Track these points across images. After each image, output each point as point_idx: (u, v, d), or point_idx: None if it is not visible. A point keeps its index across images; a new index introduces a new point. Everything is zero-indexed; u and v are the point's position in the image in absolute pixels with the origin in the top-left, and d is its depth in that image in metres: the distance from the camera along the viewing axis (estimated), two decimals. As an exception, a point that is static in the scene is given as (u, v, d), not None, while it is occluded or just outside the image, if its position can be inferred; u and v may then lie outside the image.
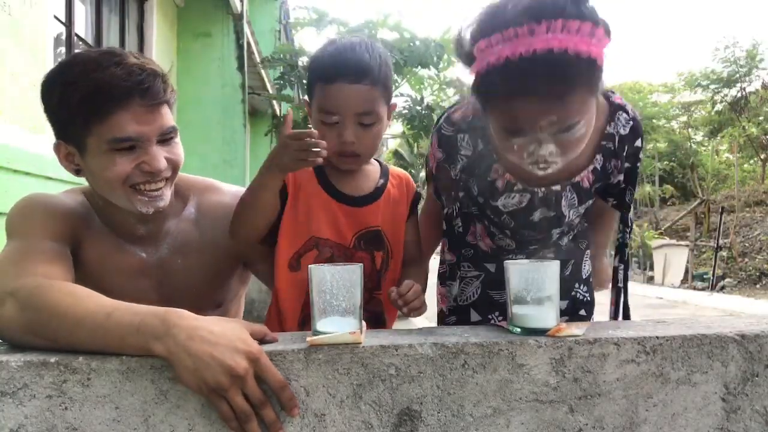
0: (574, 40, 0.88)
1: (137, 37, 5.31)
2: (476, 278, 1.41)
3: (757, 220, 13.35)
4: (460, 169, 1.25)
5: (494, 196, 1.23)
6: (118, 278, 1.10)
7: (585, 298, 1.43)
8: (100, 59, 0.96)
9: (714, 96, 18.03)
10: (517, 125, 0.97)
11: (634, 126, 1.19)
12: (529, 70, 0.89)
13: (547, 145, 0.98)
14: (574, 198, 1.22)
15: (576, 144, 1.01)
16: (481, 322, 1.39)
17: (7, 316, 0.83)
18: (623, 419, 0.85)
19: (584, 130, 0.99)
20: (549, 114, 0.94)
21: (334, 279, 0.85)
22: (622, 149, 1.19)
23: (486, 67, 0.93)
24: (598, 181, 1.22)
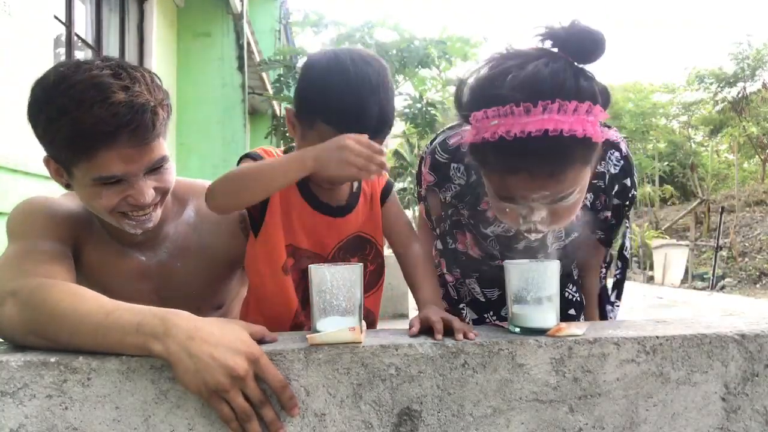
0: (570, 121, 0.86)
1: (137, 37, 5.31)
2: (470, 278, 1.41)
3: (757, 220, 13.35)
4: (452, 196, 1.24)
5: (484, 224, 1.23)
6: (118, 281, 1.10)
7: (574, 298, 1.42)
8: (84, 95, 0.89)
9: (715, 95, 18.03)
10: (509, 195, 0.97)
11: (624, 166, 1.17)
12: (523, 150, 0.88)
13: (539, 212, 0.97)
14: (561, 232, 1.21)
15: (568, 211, 1.00)
16: (476, 321, 1.39)
17: (8, 316, 0.84)
18: (623, 419, 0.85)
19: (578, 197, 0.98)
20: (541, 189, 0.93)
21: (334, 279, 0.85)
22: (611, 187, 1.18)
23: (481, 140, 0.91)
24: (585, 217, 1.21)
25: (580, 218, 1.20)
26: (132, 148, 0.94)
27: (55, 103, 0.91)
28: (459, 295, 1.42)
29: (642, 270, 13.37)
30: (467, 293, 1.41)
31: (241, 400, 0.75)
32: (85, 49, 4.40)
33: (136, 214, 1.01)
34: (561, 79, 0.88)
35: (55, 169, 1.02)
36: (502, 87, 0.89)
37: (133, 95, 0.92)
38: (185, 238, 1.16)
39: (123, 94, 0.91)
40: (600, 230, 1.27)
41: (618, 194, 1.20)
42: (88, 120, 0.89)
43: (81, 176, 0.96)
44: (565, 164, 0.91)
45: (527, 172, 0.91)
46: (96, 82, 0.90)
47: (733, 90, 17.46)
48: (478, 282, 1.40)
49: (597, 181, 1.17)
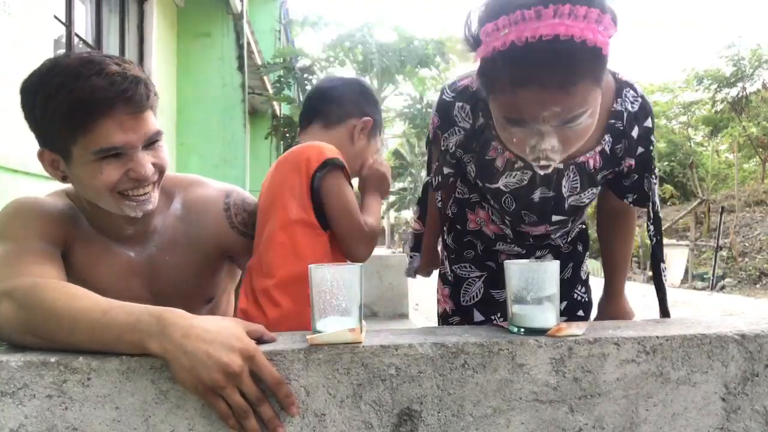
0: (581, 27, 0.85)
1: (137, 38, 5.31)
2: (478, 278, 1.41)
3: (757, 220, 13.35)
4: (456, 144, 1.19)
5: (494, 176, 1.19)
6: (108, 279, 1.10)
7: (583, 299, 1.43)
8: (80, 69, 0.93)
9: (715, 95, 18.03)
10: (519, 115, 0.95)
11: (642, 104, 1.13)
12: (534, 56, 0.87)
13: (549, 138, 0.95)
14: (576, 180, 1.16)
15: (579, 136, 0.98)
16: (484, 322, 1.39)
17: (4, 316, 0.84)
18: (623, 419, 0.85)
19: (588, 122, 0.96)
20: (552, 104, 0.91)
21: (334, 279, 0.85)
22: (631, 128, 1.13)
23: (491, 52, 0.90)
24: (606, 167, 1.16)
25: (599, 168, 1.15)
26: (129, 116, 0.96)
27: (51, 82, 0.93)
28: (467, 296, 1.42)
29: (642, 270, 13.36)
30: (475, 294, 1.41)
31: (238, 397, 0.75)
32: (85, 49, 4.40)
33: (136, 193, 1.01)
34: None
35: (50, 161, 1.01)
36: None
37: (125, 69, 0.96)
38: (173, 231, 1.16)
39: (116, 66, 0.95)
40: (630, 193, 1.21)
41: (640, 137, 1.14)
42: (87, 89, 0.92)
43: (80, 154, 0.96)
44: (576, 75, 0.89)
45: (538, 83, 0.89)
46: (90, 59, 0.95)
47: (732, 90, 17.45)
48: (485, 282, 1.40)
49: (615, 121, 1.12)
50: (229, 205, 1.20)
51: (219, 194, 1.20)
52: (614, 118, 1.12)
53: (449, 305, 1.44)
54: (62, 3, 3.86)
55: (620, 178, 1.20)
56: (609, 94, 1.12)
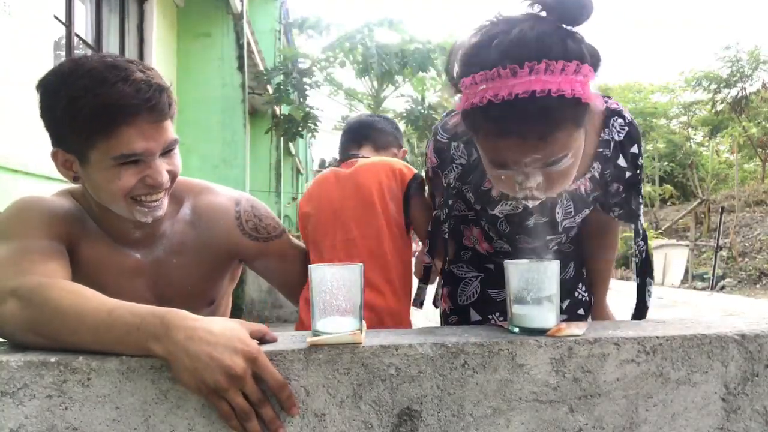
0: (557, 81, 0.85)
1: (137, 38, 5.31)
2: (475, 278, 1.41)
3: (757, 220, 13.35)
4: (455, 178, 1.24)
5: (490, 204, 1.22)
6: (113, 279, 1.10)
7: (584, 298, 1.43)
8: (106, 74, 0.94)
9: (714, 96, 18.02)
10: (502, 160, 0.97)
11: (629, 132, 1.15)
12: (511, 113, 0.87)
13: (534, 177, 0.96)
14: (570, 206, 1.20)
15: (563, 176, 0.99)
16: (481, 321, 1.39)
17: (9, 314, 0.84)
18: (623, 419, 0.85)
19: (571, 162, 0.97)
20: (532, 153, 0.92)
21: (334, 279, 0.85)
22: (617, 156, 1.16)
23: (470, 106, 0.91)
24: (596, 190, 1.19)
25: (589, 192, 1.18)
26: (150, 125, 0.97)
27: (75, 84, 0.93)
28: (464, 295, 1.42)
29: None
30: (472, 294, 1.41)
31: (240, 399, 0.75)
32: (85, 49, 4.40)
33: (149, 199, 1.02)
34: (547, 40, 0.88)
35: (63, 161, 1.01)
36: (488, 52, 0.89)
37: (149, 76, 0.97)
38: (182, 235, 1.17)
39: (141, 74, 0.96)
40: (617, 207, 1.23)
41: (627, 163, 1.16)
42: (113, 95, 0.92)
43: (99, 158, 0.96)
44: (554, 126, 0.90)
45: (517, 135, 0.90)
46: (115, 64, 0.95)
47: (732, 91, 17.44)
48: (482, 282, 1.40)
49: (602, 149, 1.15)
50: (240, 213, 1.23)
51: (229, 203, 1.23)
52: (602, 147, 1.15)
53: (448, 305, 1.45)
54: (62, 3, 3.86)
55: (608, 196, 1.22)
56: (598, 123, 1.14)
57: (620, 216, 1.24)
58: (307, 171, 20.66)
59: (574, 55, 0.88)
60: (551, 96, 0.85)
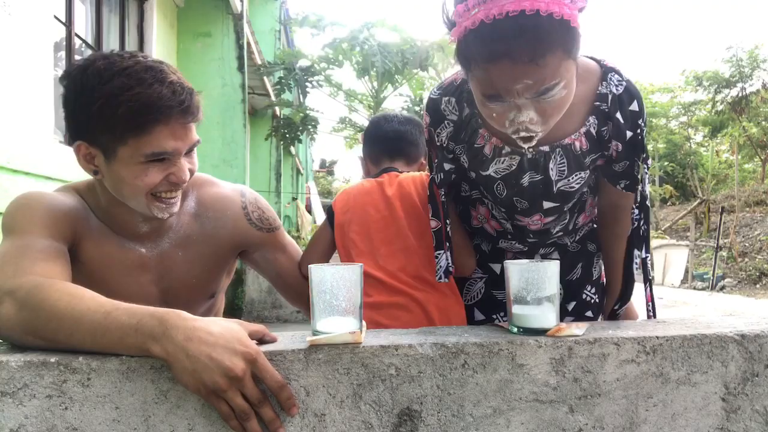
0: (546, 1, 0.89)
1: (137, 37, 5.31)
2: (480, 279, 1.41)
3: (757, 220, 13.35)
4: (448, 136, 1.24)
5: (484, 164, 1.22)
6: (118, 274, 1.11)
7: (593, 300, 1.41)
8: (144, 75, 0.97)
9: (715, 96, 18.01)
10: (494, 90, 0.98)
11: (627, 87, 1.14)
12: (502, 32, 0.91)
13: (526, 111, 0.98)
14: (564, 163, 1.17)
15: (556, 109, 1.00)
16: (484, 321, 1.39)
17: (5, 316, 0.83)
18: (623, 419, 0.85)
19: (564, 93, 0.99)
20: (524, 77, 0.94)
21: (334, 279, 0.85)
22: (616, 110, 1.14)
23: (463, 32, 0.95)
24: (593, 150, 1.17)
25: (585, 151, 1.17)
26: (181, 126, 1.01)
27: (113, 82, 0.95)
28: (469, 295, 1.42)
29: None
30: (476, 294, 1.41)
31: (240, 399, 0.75)
32: (85, 49, 4.40)
33: (168, 195, 1.06)
34: None
35: (86, 155, 1.03)
36: None
37: (180, 79, 1.02)
38: (188, 227, 1.19)
39: (174, 76, 1.01)
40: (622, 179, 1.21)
41: (627, 120, 1.15)
42: (152, 95, 0.96)
43: (129, 154, 0.99)
44: (544, 47, 0.92)
45: (508, 57, 0.93)
46: (149, 65, 0.99)
47: (732, 91, 17.45)
48: (486, 283, 1.40)
49: (600, 103, 1.15)
50: (246, 204, 1.26)
51: (235, 194, 1.26)
52: (599, 101, 1.14)
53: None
54: (62, 3, 3.86)
55: (611, 163, 1.20)
56: (594, 78, 1.15)
57: (626, 187, 1.22)
58: (307, 171, 20.66)
59: None
60: (540, 15, 0.89)
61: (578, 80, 1.06)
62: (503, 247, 1.38)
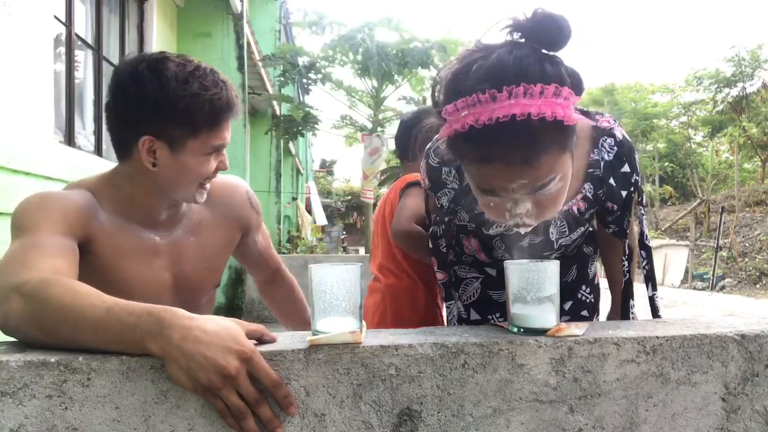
0: (537, 104, 0.85)
1: (137, 37, 5.31)
2: (476, 279, 1.41)
3: (757, 220, 13.35)
4: (448, 201, 1.27)
5: (485, 225, 1.23)
6: (132, 263, 1.15)
7: (588, 300, 1.42)
8: (211, 77, 1.13)
9: (715, 95, 18.02)
10: (489, 186, 0.97)
11: (619, 152, 1.15)
12: (493, 137, 0.87)
13: (523, 204, 0.97)
14: (564, 226, 1.20)
15: (553, 201, 0.98)
16: (480, 321, 1.39)
17: (13, 311, 0.84)
18: (623, 419, 0.85)
19: (560, 186, 0.97)
20: (518, 178, 0.92)
21: (334, 279, 0.85)
22: (608, 176, 1.16)
23: (453, 133, 0.92)
24: (591, 208, 1.19)
25: (584, 211, 1.18)
26: (231, 121, 1.19)
27: (193, 84, 1.09)
28: (465, 295, 1.42)
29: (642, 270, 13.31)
30: (472, 294, 1.41)
31: (235, 398, 0.75)
32: (85, 49, 4.40)
33: (209, 182, 1.20)
34: (525, 64, 0.88)
35: (148, 148, 1.11)
36: (468, 78, 0.90)
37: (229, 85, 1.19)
38: (198, 214, 1.28)
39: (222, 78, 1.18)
40: (611, 224, 1.24)
41: (619, 183, 1.16)
42: (224, 96, 1.13)
43: (198, 146, 1.12)
44: (537, 149, 0.90)
45: (501, 160, 0.90)
46: (209, 69, 1.15)
47: (732, 91, 17.45)
48: (482, 283, 1.40)
49: (593, 170, 1.16)
50: (246, 190, 1.40)
51: (237, 180, 1.39)
52: (592, 167, 1.16)
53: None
54: (62, 3, 3.86)
55: (605, 212, 1.23)
56: (586, 145, 1.15)
57: (614, 233, 1.25)
58: (307, 171, 20.66)
59: (553, 77, 0.88)
60: (531, 119, 0.85)
61: None
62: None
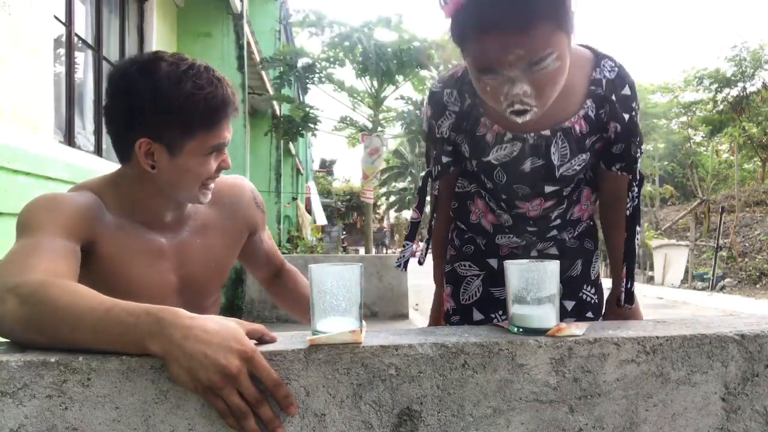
0: None
1: (137, 38, 5.31)
2: (477, 277, 1.41)
3: (757, 220, 13.35)
4: (449, 127, 1.28)
5: (485, 151, 1.24)
6: (137, 265, 1.14)
7: (593, 300, 1.41)
8: (207, 75, 1.09)
9: (715, 95, 18.02)
10: (487, 63, 1.00)
11: (619, 72, 1.19)
12: (492, 2, 0.94)
13: (520, 83, 0.99)
14: (566, 147, 1.20)
15: (550, 81, 1.02)
16: (483, 321, 1.39)
17: (9, 312, 0.84)
18: (623, 419, 0.85)
19: (557, 65, 1.00)
20: (515, 47, 0.95)
21: (334, 279, 0.85)
22: (610, 93, 1.18)
23: (454, 7, 0.98)
24: (593, 132, 1.21)
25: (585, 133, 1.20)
26: (231, 120, 1.15)
27: (186, 84, 1.06)
28: (466, 295, 1.42)
29: (642, 270, 13.35)
30: (474, 293, 1.41)
31: (236, 398, 0.75)
32: (86, 49, 4.40)
33: (212, 182, 1.17)
34: None
35: (146, 150, 1.09)
36: None
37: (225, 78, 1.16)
38: (204, 216, 1.26)
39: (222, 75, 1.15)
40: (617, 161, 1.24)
41: (621, 103, 1.19)
42: (219, 94, 1.09)
43: (196, 147, 1.09)
44: (533, 15, 0.94)
45: (498, 28, 0.95)
46: (204, 66, 1.11)
47: (733, 90, 17.45)
48: (483, 281, 1.40)
49: (595, 88, 1.19)
50: (252, 189, 1.39)
51: (242, 181, 1.38)
52: (594, 85, 1.19)
53: (450, 304, 1.45)
54: (62, 3, 3.86)
55: (609, 146, 1.24)
56: (588, 65, 1.19)
57: (622, 169, 1.25)
58: (307, 171, 20.65)
59: None
60: None
61: (573, 66, 1.08)
62: (500, 243, 1.39)
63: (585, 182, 1.34)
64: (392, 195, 40.81)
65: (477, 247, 1.42)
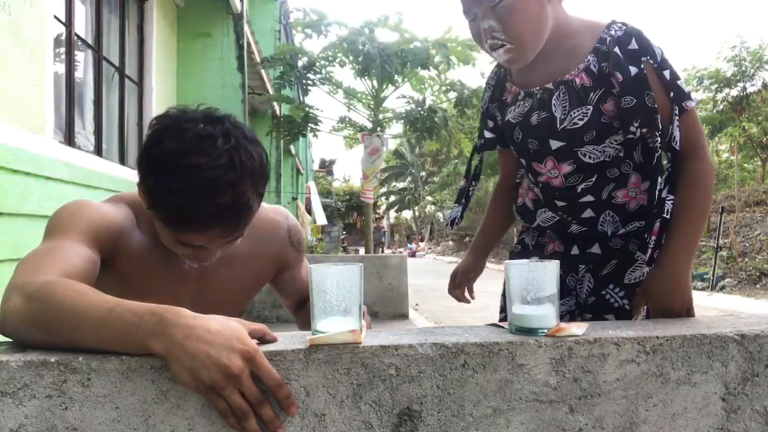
0: None
1: (137, 38, 5.31)
2: None
3: (757, 220, 13.34)
4: (488, 100, 1.51)
5: (506, 113, 1.40)
6: (156, 289, 1.12)
7: (618, 304, 1.33)
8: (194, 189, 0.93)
9: (715, 95, 18.01)
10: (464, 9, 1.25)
11: (627, 30, 1.24)
12: None
13: (486, 20, 1.20)
14: (566, 99, 1.27)
15: (511, 14, 1.18)
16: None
17: (13, 309, 0.84)
18: (623, 419, 0.85)
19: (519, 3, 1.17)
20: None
21: (335, 279, 0.85)
22: (613, 46, 1.23)
23: None
24: (597, 87, 1.25)
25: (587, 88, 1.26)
26: (221, 237, 1.02)
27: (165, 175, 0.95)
28: None
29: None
30: None
31: (237, 397, 0.75)
32: (85, 49, 4.40)
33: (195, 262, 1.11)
34: None
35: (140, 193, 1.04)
36: None
37: (237, 194, 0.96)
38: (234, 248, 1.17)
39: (229, 193, 0.95)
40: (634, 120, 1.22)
41: (626, 56, 1.21)
42: (192, 211, 0.95)
43: (162, 227, 1.02)
44: None
45: None
46: (206, 177, 0.93)
47: (733, 90, 17.45)
48: None
49: (600, 45, 1.26)
50: (289, 227, 1.32)
51: (281, 216, 1.31)
52: (599, 43, 1.26)
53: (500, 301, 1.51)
54: (62, 3, 3.86)
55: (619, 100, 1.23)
56: (599, 29, 1.27)
57: (642, 125, 1.22)
58: (307, 171, 20.66)
59: None
60: None
61: (584, 30, 1.26)
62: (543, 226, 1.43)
63: (633, 167, 1.30)
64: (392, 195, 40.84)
65: (523, 246, 1.51)
